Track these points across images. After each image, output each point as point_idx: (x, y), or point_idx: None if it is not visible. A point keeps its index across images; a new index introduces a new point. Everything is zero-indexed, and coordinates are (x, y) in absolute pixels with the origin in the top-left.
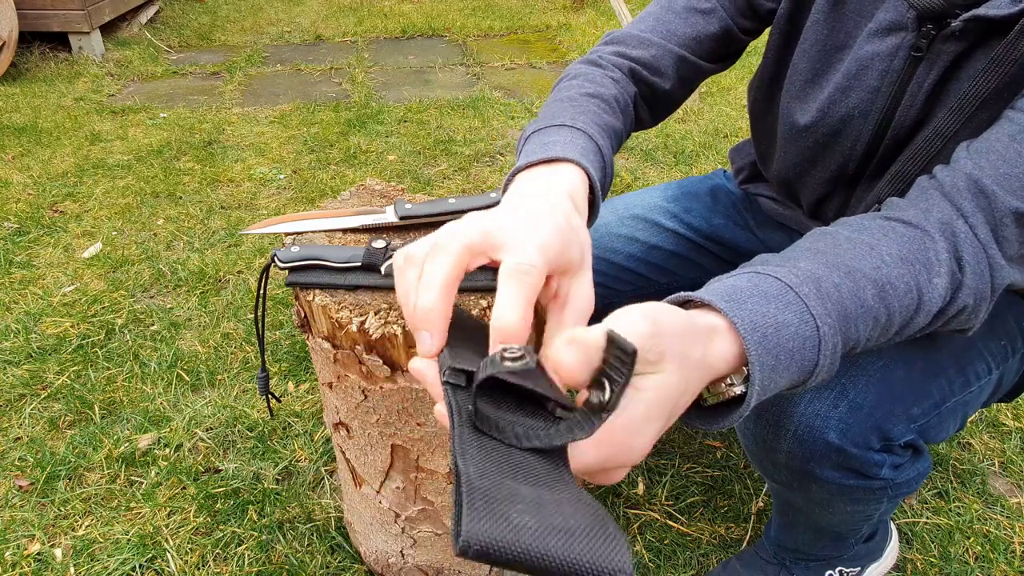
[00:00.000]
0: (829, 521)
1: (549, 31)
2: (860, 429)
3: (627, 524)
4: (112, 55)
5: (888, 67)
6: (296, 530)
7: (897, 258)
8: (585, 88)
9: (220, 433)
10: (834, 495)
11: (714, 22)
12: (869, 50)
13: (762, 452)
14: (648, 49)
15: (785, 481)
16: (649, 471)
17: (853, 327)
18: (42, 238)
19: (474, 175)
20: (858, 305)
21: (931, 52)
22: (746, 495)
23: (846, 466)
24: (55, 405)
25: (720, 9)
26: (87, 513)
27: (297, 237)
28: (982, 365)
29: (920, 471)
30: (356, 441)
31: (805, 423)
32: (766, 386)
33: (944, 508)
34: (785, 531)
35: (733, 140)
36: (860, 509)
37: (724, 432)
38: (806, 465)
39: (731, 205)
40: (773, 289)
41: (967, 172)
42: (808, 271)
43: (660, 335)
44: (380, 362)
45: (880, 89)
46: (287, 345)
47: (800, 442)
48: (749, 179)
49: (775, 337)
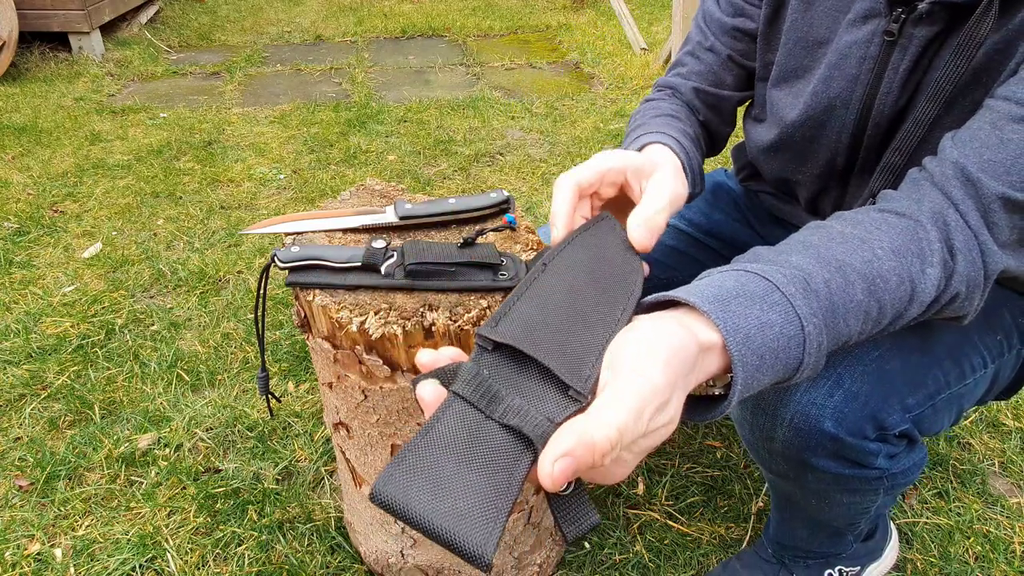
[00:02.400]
0: (827, 515)
1: (549, 31)
2: (855, 418)
3: (627, 524)
4: (112, 55)
5: (865, 54)
6: (296, 530)
7: (889, 251)
8: (649, 113)
9: (220, 433)
10: (830, 485)
11: (720, 52)
12: (848, 39)
13: (759, 441)
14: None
15: (782, 471)
16: (649, 471)
17: (842, 323)
18: (42, 238)
19: (474, 175)
20: (847, 300)
21: (903, 36)
22: (746, 495)
23: (842, 455)
24: (55, 405)
25: (719, 43)
26: (87, 513)
27: (297, 237)
28: (978, 358)
29: (915, 462)
30: (356, 441)
31: (801, 411)
32: (749, 384)
33: (944, 508)
34: (783, 527)
35: (733, 140)
36: (857, 501)
37: (724, 432)
38: (802, 454)
39: (731, 202)
40: (759, 289)
41: (953, 160)
42: (797, 267)
43: (671, 397)
44: (380, 362)
45: (859, 77)
46: (287, 345)
47: (796, 431)
48: (751, 176)
49: (759, 338)
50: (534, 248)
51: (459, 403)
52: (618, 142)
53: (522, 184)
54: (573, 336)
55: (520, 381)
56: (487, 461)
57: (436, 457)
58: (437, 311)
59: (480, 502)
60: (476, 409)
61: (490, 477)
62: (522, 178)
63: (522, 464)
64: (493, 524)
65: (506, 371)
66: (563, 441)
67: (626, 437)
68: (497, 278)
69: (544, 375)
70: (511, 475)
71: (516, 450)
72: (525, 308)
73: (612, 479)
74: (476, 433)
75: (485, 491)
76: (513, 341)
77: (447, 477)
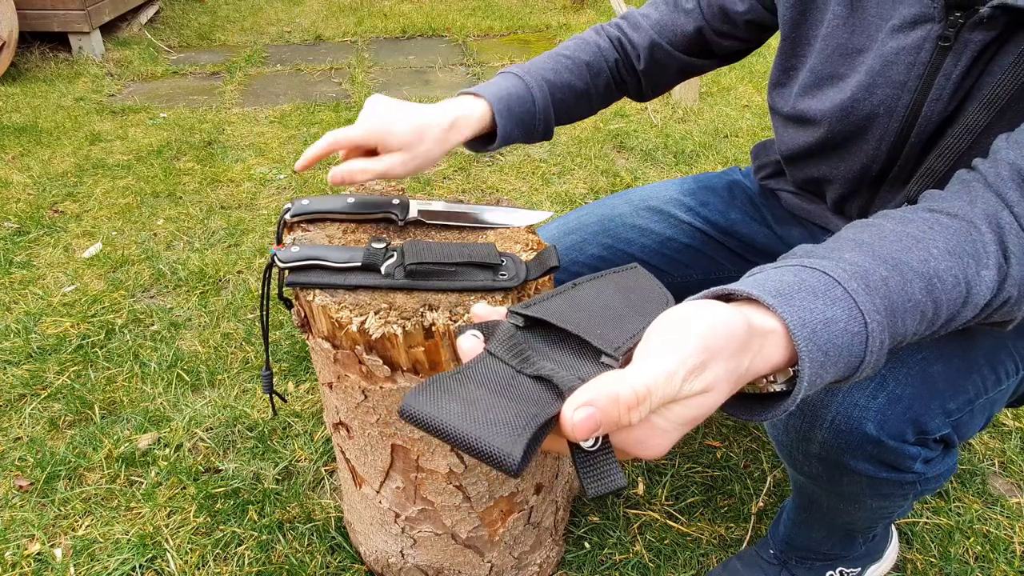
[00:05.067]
0: (850, 517)
1: (549, 31)
2: (897, 421)
3: (627, 524)
4: (112, 55)
5: (915, 60)
6: (296, 530)
7: (944, 251)
8: (560, 50)
9: (220, 433)
10: (864, 488)
11: (690, 21)
12: (894, 45)
13: (794, 443)
14: (636, 32)
15: (815, 474)
16: (649, 471)
17: (900, 322)
18: (42, 238)
19: (474, 175)
20: (906, 300)
21: (958, 42)
22: (746, 495)
23: (880, 458)
24: (55, 405)
25: (698, 10)
26: (87, 513)
27: (297, 237)
28: (1011, 364)
29: (949, 466)
30: (356, 441)
31: (844, 413)
32: (814, 383)
33: (944, 508)
34: (798, 528)
35: (733, 140)
36: (885, 505)
37: (724, 432)
38: (840, 456)
39: (748, 200)
40: (820, 284)
41: (1011, 162)
42: (855, 264)
43: (708, 363)
44: (380, 362)
45: (906, 84)
46: (287, 345)
47: (837, 432)
48: (771, 176)
49: (824, 334)
50: (534, 248)
51: (492, 359)
52: (618, 142)
53: (522, 184)
54: (606, 327)
55: (552, 352)
56: (517, 397)
57: (467, 387)
58: (437, 311)
59: (510, 419)
60: (509, 366)
61: (520, 406)
62: (522, 178)
63: (551, 407)
64: (523, 432)
65: (538, 343)
66: (587, 391)
67: (655, 396)
68: (497, 278)
69: (577, 350)
70: (540, 409)
71: (546, 397)
72: (557, 302)
73: (649, 451)
74: (508, 382)
75: (515, 412)
76: (546, 316)
77: (477, 399)
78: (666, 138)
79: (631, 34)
